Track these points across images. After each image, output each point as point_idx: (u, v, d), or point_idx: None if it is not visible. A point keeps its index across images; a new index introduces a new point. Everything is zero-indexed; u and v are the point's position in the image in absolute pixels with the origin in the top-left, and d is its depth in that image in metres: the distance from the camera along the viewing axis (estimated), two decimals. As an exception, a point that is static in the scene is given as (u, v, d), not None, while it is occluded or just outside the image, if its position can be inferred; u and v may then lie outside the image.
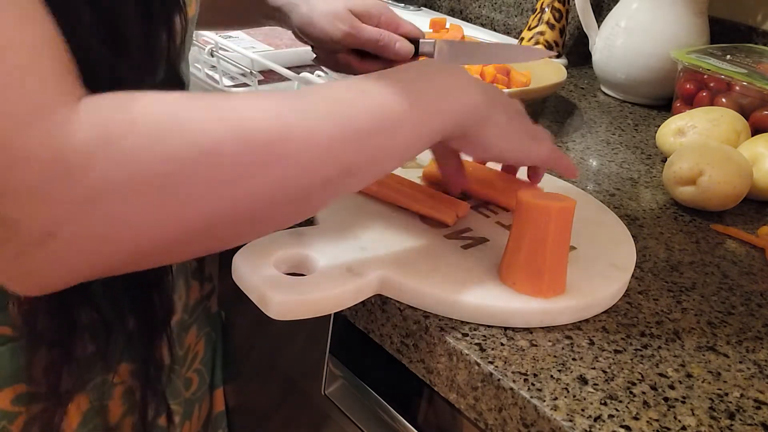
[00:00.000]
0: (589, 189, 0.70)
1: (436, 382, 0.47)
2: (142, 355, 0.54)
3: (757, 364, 0.47)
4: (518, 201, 0.48)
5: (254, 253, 0.48)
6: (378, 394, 0.57)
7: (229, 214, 0.35)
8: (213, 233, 0.36)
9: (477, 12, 1.32)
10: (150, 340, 0.53)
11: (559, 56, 1.08)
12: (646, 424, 0.41)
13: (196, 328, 0.69)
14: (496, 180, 0.61)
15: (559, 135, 0.83)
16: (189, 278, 0.65)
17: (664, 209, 0.68)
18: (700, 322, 0.51)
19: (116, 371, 0.54)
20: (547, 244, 0.47)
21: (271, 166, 0.36)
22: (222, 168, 0.34)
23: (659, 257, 0.59)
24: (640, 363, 0.46)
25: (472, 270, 0.50)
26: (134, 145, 0.32)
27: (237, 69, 0.81)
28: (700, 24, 0.95)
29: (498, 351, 0.45)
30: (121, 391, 0.56)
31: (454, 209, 0.55)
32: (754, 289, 0.56)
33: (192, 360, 0.69)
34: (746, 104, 0.81)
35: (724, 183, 0.65)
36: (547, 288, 0.47)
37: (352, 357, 0.59)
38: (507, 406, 0.43)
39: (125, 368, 0.55)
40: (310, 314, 0.45)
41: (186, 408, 0.69)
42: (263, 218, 0.38)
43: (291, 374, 0.68)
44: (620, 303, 0.52)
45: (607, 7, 1.12)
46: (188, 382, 0.70)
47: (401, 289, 0.48)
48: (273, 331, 0.68)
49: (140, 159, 0.32)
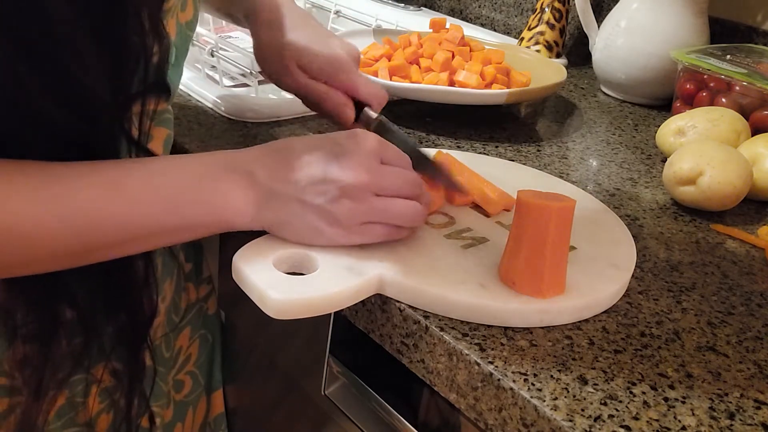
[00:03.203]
0: (589, 189, 0.70)
1: (436, 382, 0.47)
2: (122, 356, 0.54)
3: (757, 364, 0.47)
4: (518, 201, 0.48)
5: (254, 253, 0.48)
6: (378, 394, 0.57)
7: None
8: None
9: (477, 12, 1.32)
10: (131, 341, 0.53)
11: (559, 56, 1.08)
12: (646, 424, 0.41)
13: (190, 330, 0.69)
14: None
15: (559, 135, 0.83)
16: (181, 280, 0.65)
17: (664, 209, 0.68)
18: (700, 322, 0.51)
19: (96, 370, 0.55)
20: (547, 244, 0.47)
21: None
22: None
23: (659, 257, 0.59)
24: (640, 363, 0.46)
25: (472, 270, 0.50)
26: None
27: (237, 69, 0.81)
28: (700, 24, 0.95)
29: (498, 351, 0.45)
30: (100, 388, 0.56)
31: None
32: (754, 289, 0.56)
33: (185, 362, 0.69)
34: (746, 104, 0.81)
35: (724, 183, 0.65)
36: (546, 288, 0.47)
37: (352, 357, 0.59)
38: (507, 406, 0.43)
39: (106, 367, 0.55)
40: (310, 314, 0.45)
41: (177, 410, 0.69)
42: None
43: (291, 374, 0.68)
44: (620, 303, 0.52)
45: (607, 7, 1.12)
46: (180, 385, 0.69)
47: (401, 289, 0.48)
48: (273, 330, 0.68)
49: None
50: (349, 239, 0.48)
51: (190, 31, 0.56)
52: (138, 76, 0.46)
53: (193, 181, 0.46)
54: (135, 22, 0.44)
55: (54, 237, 0.42)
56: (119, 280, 0.50)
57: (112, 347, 0.53)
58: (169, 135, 0.57)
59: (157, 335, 0.62)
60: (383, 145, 0.50)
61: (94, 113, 0.44)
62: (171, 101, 0.56)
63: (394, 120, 0.79)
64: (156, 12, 0.46)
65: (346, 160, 0.47)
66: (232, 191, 0.47)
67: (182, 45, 0.55)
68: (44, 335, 0.49)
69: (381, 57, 0.85)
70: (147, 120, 0.49)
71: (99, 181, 0.44)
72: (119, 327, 0.52)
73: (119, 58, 0.44)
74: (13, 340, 0.49)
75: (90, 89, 0.43)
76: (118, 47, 0.44)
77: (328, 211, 0.47)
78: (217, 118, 0.75)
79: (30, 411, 0.51)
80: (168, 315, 0.64)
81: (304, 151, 0.48)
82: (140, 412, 0.57)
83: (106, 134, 0.46)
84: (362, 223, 0.48)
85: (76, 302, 0.49)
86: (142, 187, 0.45)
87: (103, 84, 0.44)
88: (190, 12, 0.55)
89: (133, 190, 0.45)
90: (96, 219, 0.43)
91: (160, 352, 0.64)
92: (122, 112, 0.46)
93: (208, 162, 0.48)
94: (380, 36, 0.94)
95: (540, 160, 0.75)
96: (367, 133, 0.50)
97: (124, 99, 0.46)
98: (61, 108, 0.42)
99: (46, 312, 0.48)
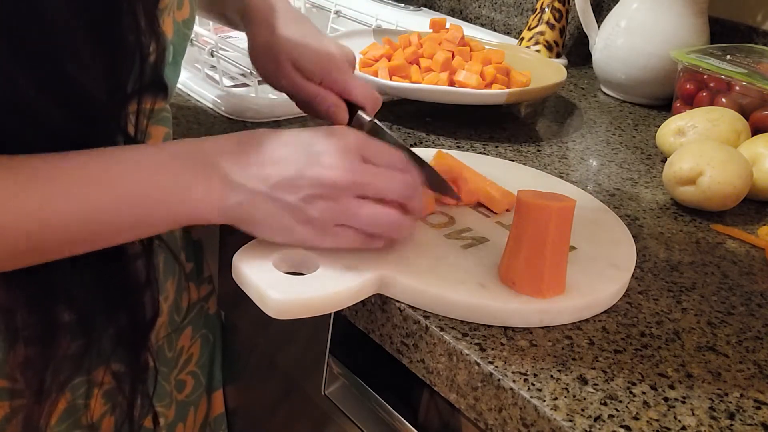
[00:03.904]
0: (589, 189, 0.70)
1: (436, 382, 0.47)
2: (124, 357, 0.54)
3: (757, 364, 0.47)
4: (518, 201, 0.48)
5: (254, 253, 0.48)
6: (378, 394, 0.57)
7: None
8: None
9: (477, 12, 1.32)
10: (134, 342, 0.53)
11: (559, 56, 1.08)
12: (646, 424, 0.41)
13: (191, 329, 0.69)
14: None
15: (559, 135, 0.83)
16: (182, 280, 0.65)
17: (664, 209, 0.68)
18: (700, 322, 0.51)
19: (98, 371, 0.54)
20: (547, 244, 0.47)
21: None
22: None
23: (659, 257, 0.59)
24: (640, 363, 0.46)
25: (472, 270, 0.50)
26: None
27: (237, 69, 0.81)
28: (700, 24, 0.95)
29: (498, 351, 0.45)
30: (103, 390, 0.56)
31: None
32: (754, 289, 0.56)
33: (186, 362, 0.69)
34: (746, 104, 0.81)
35: (724, 183, 0.65)
36: (546, 288, 0.47)
37: (352, 357, 0.59)
38: (507, 406, 0.43)
39: (109, 369, 0.55)
40: (310, 313, 0.45)
41: (179, 410, 0.69)
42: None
43: (291, 374, 0.68)
44: (620, 303, 0.52)
45: (607, 7, 1.12)
46: (182, 385, 0.69)
47: (401, 289, 0.48)
48: (273, 330, 0.68)
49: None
50: (321, 241, 0.46)
51: (187, 29, 0.56)
52: (134, 74, 0.46)
53: (150, 173, 0.44)
54: (130, 20, 0.43)
55: (1, 236, 0.41)
56: (118, 281, 0.50)
57: (114, 348, 0.52)
58: (168, 133, 0.57)
59: (160, 335, 0.62)
60: (366, 143, 0.47)
61: (91, 112, 0.44)
62: (169, 100, 0.56)
63: (394, 120, 0.79)
64: (152, 10, 0.46)
65: (323, 157, 0.45)
66: (193, 184, 0.44)
67: (180, 43, 0.55)
68: (44, 337, 0.49)
69: (381, 57, 0.85)
70: (144, 118, 0.48)
71: (50, 176, 0.42)
72: (120, 328, 0.52)
73: (115, 57, 0.44)
74: (15, 342, 0.49)
75: (86, 88, 0.43)
76: (114, 46, 0.44)
77: (299, 209, 0.45)
78: (216, 117, 0.75)
79: (32, 414, 0.51)
80: (170, 315, 0.64)
81: (278, 144, 0.46)
82: (144, 413, 0.57)
83: (102, 133, 0.45)
84: (336, 225, 0.46)
85: (74, 304, 0.49)
86: (95, 180, 0.43)
87: (100, 83, 0.43)
88: (186, 10, 0.55)
89: (85, 185, 0.43)
90: (45, 217, 0.41)
91: (162, 351, 0.64)
92: (119, 111, 0.46)
93: (168, 152, 0.45)
94: (380, 36, 0.94)
95: (540, 160, 0.75)
96: (349, 129, 0.48)
97: (121, 98, 0.46)
98: (56, 107, 0.42)
99: (44, 313, 0.48)
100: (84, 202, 0.42)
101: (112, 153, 0.45)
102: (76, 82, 0.42)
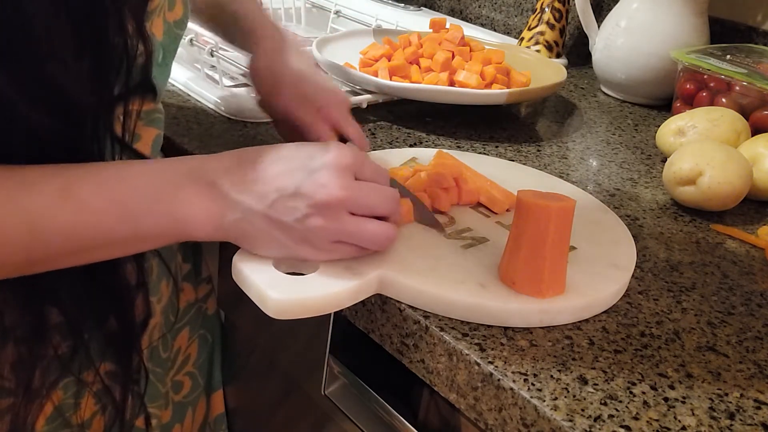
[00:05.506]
0: (589, 189, 0.70)
1: (436, 382, 0.47)
2: (117, 358, 0.54)
3: (757, 364, 0.47)
4: (518, 201, 0.48)
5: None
6: (378, 394, 0.57)
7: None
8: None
9: (477, 12, 1.32)
10: (125, 343, 0.53)
11: (559, 56, 1.08)
12: (646, 424, 0.41)
13: (189, 330, 0.69)
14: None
15: (559, 135, 0.83)
16: (178, 281, 0.65)
17: (664, 209, 0.68)
18: (700, 322, 0.51)
19: (88, 372, 0.54)
20: (547, 244, 0.47)
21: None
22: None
23: (659, 257, 0.59)
24: (640, 363, 0.46)
25: (472, 270, 0.50)
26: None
27: (237, 69, 0.81)
28: (700, 24, 0.95)
29: (498, 351, 0.45)
30: (94, 390, 0.56)
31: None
32: (754, 289, 0.56)
33: (183, 363, 0.69)
34: (746, 104, 0.81)
35: (724, 183, 0.65)
36: (546, 288, 0.47)
37: (352, 357, 0.59)
38: (507, 406, 0.43)
39: (100, 369, 0.55)
40: (310, 314, 0.45)
41: (176, 411, 0.69)
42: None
43: (291, 374, 0.68)
44: (620, 303, 0.52)
45: (607, 7, 1.12)
46: (178, 385, 0.69)
47: (401, 289, 0.48)
48: (273, 330, 0.68)
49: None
50: (317, 255, 0.46)
51: (179, 30, 0.55)
52: (121, 76, 0.45)
53: (149, 189, 0.44)
54: (116, 22, 0.43)
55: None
56: (107, 283, 0.49)
57: (104, 350, 0.52)
58: (159, 135, 0.56)
59: (154, 336, 0.62)
60: (359, 160, 0.47)
61: (75, 114, 0.44)
62: (158, 101, 0.56)
63: (394, 120, 0.80)
64: (139, 13, 0.46)
65: (319, 175, 0.45)
66: (192, 202, 0.45)
67: (170, 44, 0.55)
68: (34, 337, 0.49)
69: (381, 57, 0.85)
70: (132, 121, 0.48)
71: (47, 188, 0.42)
72: (110, 330, 0.51)
73: (100, 59, 0.44)
74: (6, 341, 0.49)
75: (68, 89, 0.42)
76: (99, 48, 0.43)
77: (296, 229, 0.45)
78: (216, 117, 0.75)
79: (21, 413, 0.51)
80: (165, 316, 0.63)
81: (274, 162, 0.46)
82: (135, 414, 0.57)
83: (89, 135, 0.45)
84: (332, 242, 0.46)
85: (62, 305, 0.48)
86: (93, 194, 0.43)
87: (84, 84, 0.43)
88: (179, 11, 0.54)
89: (83, 198, 0.43)
90: (41, 229, 0.41)
91: (157, 352, 0.64)
92: (106, 113, 0.46)
93: (168, 169, 0.46)
94: (380, 36, 0.94)
95: (540, 160, 0.75)
96: (343, 146, 0.48)
97: (108, 100, 0.46)
98: (37, 108, 0.42)
99: (33, 314, 0.48)
100: (79, 214, 0.43)
101: (110, 166, 0.45)
102: (57, 82, 0.42)
